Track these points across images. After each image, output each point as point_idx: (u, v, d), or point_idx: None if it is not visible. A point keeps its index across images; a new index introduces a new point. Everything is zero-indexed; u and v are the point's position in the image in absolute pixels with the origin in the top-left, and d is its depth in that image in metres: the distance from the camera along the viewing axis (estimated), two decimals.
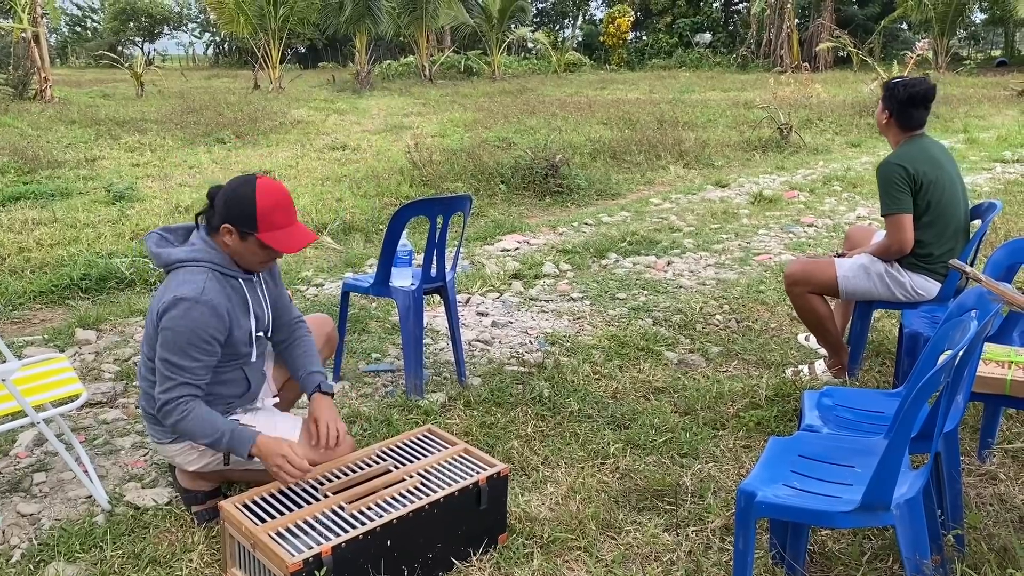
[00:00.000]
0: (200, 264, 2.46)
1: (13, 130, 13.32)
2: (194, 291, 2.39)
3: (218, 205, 2.49)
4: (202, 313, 2.39)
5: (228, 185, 2.50)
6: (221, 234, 2.48)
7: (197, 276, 2.43)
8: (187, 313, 2.37)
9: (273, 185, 2.50)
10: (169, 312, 2.38)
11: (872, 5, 39.06)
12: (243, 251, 2.49)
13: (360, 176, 9.22)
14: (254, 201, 2.43)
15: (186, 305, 2.37)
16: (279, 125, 14.68)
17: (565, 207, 8.27)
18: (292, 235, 2.50)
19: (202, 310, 2.39)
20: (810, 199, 8.20)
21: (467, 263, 5.93)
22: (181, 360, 2.39)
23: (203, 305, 2.39)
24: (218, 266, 2.49)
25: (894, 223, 3.52)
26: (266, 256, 2.53)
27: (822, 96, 17.95)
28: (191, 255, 2.48)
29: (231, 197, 2.46)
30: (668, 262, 5.90)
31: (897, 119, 3.63)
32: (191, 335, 2.38)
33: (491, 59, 32.87)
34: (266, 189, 2.46)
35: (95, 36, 57.85)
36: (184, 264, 2.47)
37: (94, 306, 5.11)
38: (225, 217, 2.46)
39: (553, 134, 12.09)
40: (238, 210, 2.44)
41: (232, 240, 2.48)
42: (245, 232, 2.45)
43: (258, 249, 2.48)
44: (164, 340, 2.40)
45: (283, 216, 2.48)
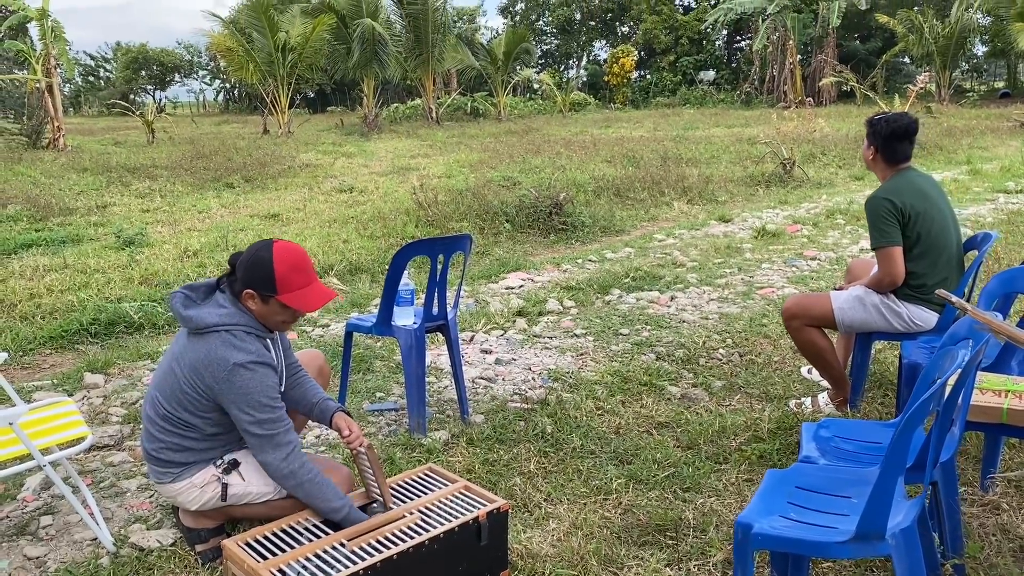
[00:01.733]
0: (239, 327, 2.54)
1: (26, 179, 13.55)
2: (251, 356, 2.50)
3: (239, 271, 2.58)
4: (266, 373, 2.52)
5: (248, 251, 2.59)
6: (244, 299, 2.57)
7: (248, 343, 2.53)
8: (254, 375, 2.48)
9: (290, 248, 2.59)
10: (233, 379, 2.46)
11: (874, 40, 39.49)
12: (266, 313, 2.58)
13: (367, 217, 9.32)
14: (272, 265, 2.52)
15: (250, 368, 2.48)
16: (288, 169, 14.87)
17: (569, 244, 8.34)
18: (310, 294, 2.59)
19: (265, 370, 2.52)
20: (813, 233, 8.24)
21: (471, 301, 5.98)
22: (271, 414, 2.51)
23: (265, 365, 2.52)
24: (252, 328, 2.58)
25: (884, 256, 3.56)
26: (288, 316, 2.62)
27: (825, 130, 18.11)
28: (228, 320, 2.55)
29: (251, 263, 2.55)
30: (671, 297, 5.94)
31: (882, 154, 3.70)
32: (266, 389, 2.50)
33: (497, 100, 33.30)
34: (283, 253, 2.55)
35: (108, 85, 58.89)
36: (225, 328, 2.53)
37: (103, 350, 5.17)
38: (246, 282, 2.55)
39: (557, 173, 12.22)
40: (258, 275, 2.53)
41: (255, 304, 2.57)
42: (266, 295, 2.54)
43: (280, 310, 2.57)
44: (237, 402, 2.48)
45: (301, 277, 2.57)
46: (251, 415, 2.48)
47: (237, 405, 2.48)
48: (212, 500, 2.65)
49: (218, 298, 2.62)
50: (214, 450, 2.65)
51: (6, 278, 6.78)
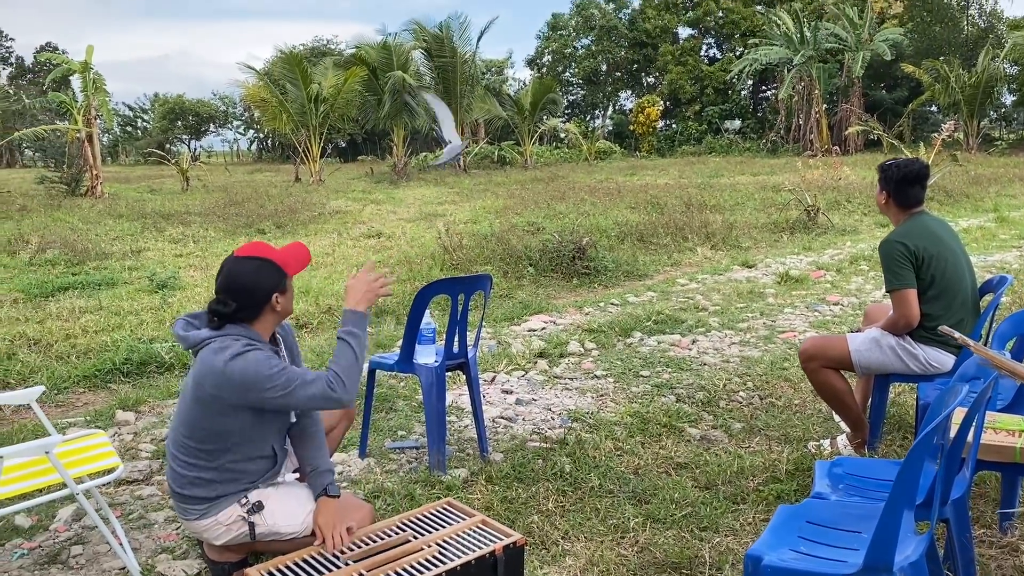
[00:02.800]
0: (229, 336, 2.59)
1: (65, 224, 13.95)
2: (236, 348, 2.52)
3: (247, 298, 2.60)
4: (255, 353, 2.51)
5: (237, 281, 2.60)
6: (270, 309, 2.63)
7: (234, 341, 2.56)
8: (245, 360, 2.48)
9: (254, 245, 2.70)
10: (231, 373, 2.48)
11: (900, 89, 39.57)
12: (288, 300, 2.68)
13: (393, 261, 9.48)
14: (269, 261, 2.62)
15: (240, 358, 2.49)
16: (318, 216, 15.18)
17: (592, 288, 8.41)
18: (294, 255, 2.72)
19: (253, 352, 2.52)
20: (836, 278, 8.25)
21: (493, 343, 6.05)
22: (284, 375, 2.50)
23: (250, 350, 2.53)
24: (249, 339, 2.61)
25: (898, 298, 3.60)
26: (291, 284, 2.71)
27: (851, 178, 18.15)
28: (220, 332, 2.61)
29: (254, 280, 2.60)
30: (693, 340, 5.97)
31: (895, 198, 3.76)
32: (264, 363, 2.49)
33: (523, 149, 33.77)
34: (257, 249, 2.67)
35: (145, 135, 60.49)
36: (214, 337, 2.59)
37: (134, 389, 5.30)
38: (265, 295, 2.61)
39: (581, 218, 12.35)
40: (272, 279, 2.61)
41: (281, 301, 2.64)
42: (284, 285, 2.64)
43: (290, 283, 2.69)
44: (251, 388, 2.49)
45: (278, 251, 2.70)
46: (270, 388, 2.48)
47: (253, 390, 2.49)
48: (239, 537, 2.70)
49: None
50: (238, 483, 2.69)
51: (44, 319, 6.98)
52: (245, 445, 2.64)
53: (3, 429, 4.54)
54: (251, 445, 2.64)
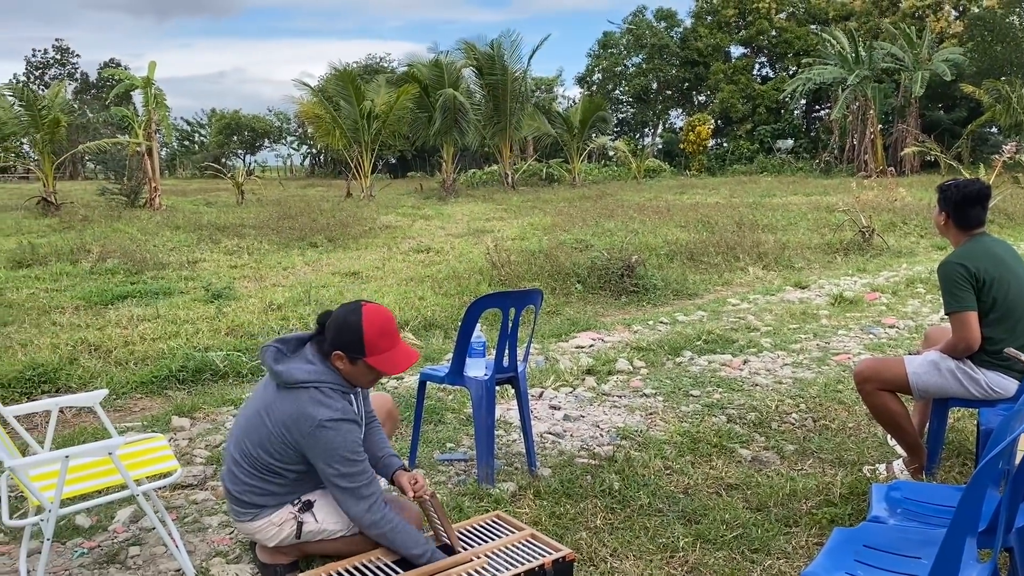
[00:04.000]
0: (325, 384, 2.68)
1: (124, 235, 14.36)
2: (338, 413, 2.63)
3: (329, 333, 2.72)
4: (350, 429, 2.65)
5: (337, 313, 2.74)
6: (333, 359, 2.71)
7: (334, 401, 2.66)
8: (338, 431, 2.61)
9: (378, 312, 2.72)
10: (319, 434, 2.60)
11: (959, 109, 38.75)
12: (354, 373, 2.72)
13: (442, 276, 9.55)
14: (361, 329, 2.66)
15: (335, 425, 2.61)
16: (368, 230, 15.38)
17: (640, 307, 8.37)
18: (396, 356, 2.73)
19: (350, 427, 2.65)
20: (892, 301, 8.08)
21: (541, 359, 6.05)
22: (354, 467, 2.63)
23: (350, 422, 2.65)
24: (338, 385, 2.72)
25: (958, 321, 3.51)
26: (374, 376, 2.75)
27: (907, 199, 17.78)
28: (315, 377, 2.68)
29: (341, 325, 2.69)
30: (744, 361, 5.90)
31: (954, 220, 3.68)
32: (350, 445, 2.63)
33: (572, 166, 33.80)
34: (372, 317, 2.69)
35: (202, 149, 62.03)
36: (314, 385, 2.67)
37: (189, 396, 5.42)
38: (335, 344, 2.69)
39: (630, 236, 12.31)
40: (347, 338, 2.67)
41: (343, 364, 2.70)
42: (354, 357, 2.68)
43: (367, 371, 2.71)
44: (323, 456, 2.62)
45: (387, 341, 2.70)
46: (336, 469, 2.61)
47: (323, 459, 2.61)
48: (288, 537, 2.76)
49: (307, 353, 2.74)
50: (293, 494, 2.77)
51: (103, 326, 7.18)
52: (308, 465, 2.72)
53: (65, 431, 4.68)
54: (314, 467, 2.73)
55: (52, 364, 5.69)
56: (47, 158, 21.89)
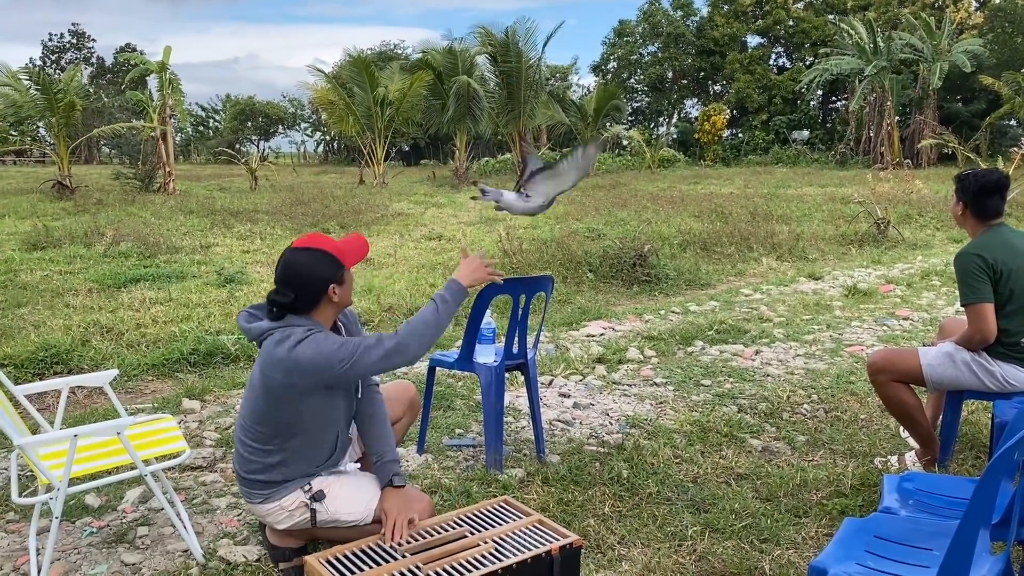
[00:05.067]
0: (292, 327, 2.63)
1: (138, 219, 14.42)
2: (299, 334, 2.55)
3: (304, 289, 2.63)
4: (316, 336, 2.55)
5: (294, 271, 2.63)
6: (328, 300, 2.66)
7: (297, 328, 2.59)
8: (309, 344, 2.52)
9: (312, 237, 2.74)
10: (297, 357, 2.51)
11: (977, 102, 38.34)
12: (346, 291, 2.71)
13: (453, 264, 9.54)
14: (326, 252, 2.65)
15: (303, 342, 2.52)
16: (381, 217, 15.39)
17: (652, 296, 8.33)
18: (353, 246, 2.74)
19: (315, 335, 2.55)
20: (907, 293, 8.01)
21: (551, 346, 6.04)
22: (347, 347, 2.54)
23: (312, 334, 2.56)
24: (311, 326, 2.65)
25: (974, 312, 3.47)
26: (350, 276, 2.75)
27: (923, 192, 17.61)
28: (281, 324, 2.65)
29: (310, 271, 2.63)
30: (756, 351, 5.86)
31: (972, 210, 3.63)
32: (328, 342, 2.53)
33: None
34: (316, 241, 2.70)
35: (216, 135, 62.19)
36: (275, 328, 2.63)
37: (200, 379, 5.43)
38: (322, 285, 2.64)
39: (643, 225, 12.26)
40: (328, 270, 2.64)
41: (339, 292, 2.67)
42: (340, 276, 2.66)
43: (349, 274, 2.72)
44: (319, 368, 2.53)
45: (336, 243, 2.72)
46: (337, 364, 2.52)
47: (323, 370, 2.53)
48: (301, 523, 2.75)
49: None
50: (302, 469, 2.74)
51: (116, 308, 7.21)
52: (313, 431, 2.68)
53: (76, 412, 4.70)
54: (318, 431, 2.69)
55: (65, 345, 5.72)
56: (62, 142, 21.98)
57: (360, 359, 2.55)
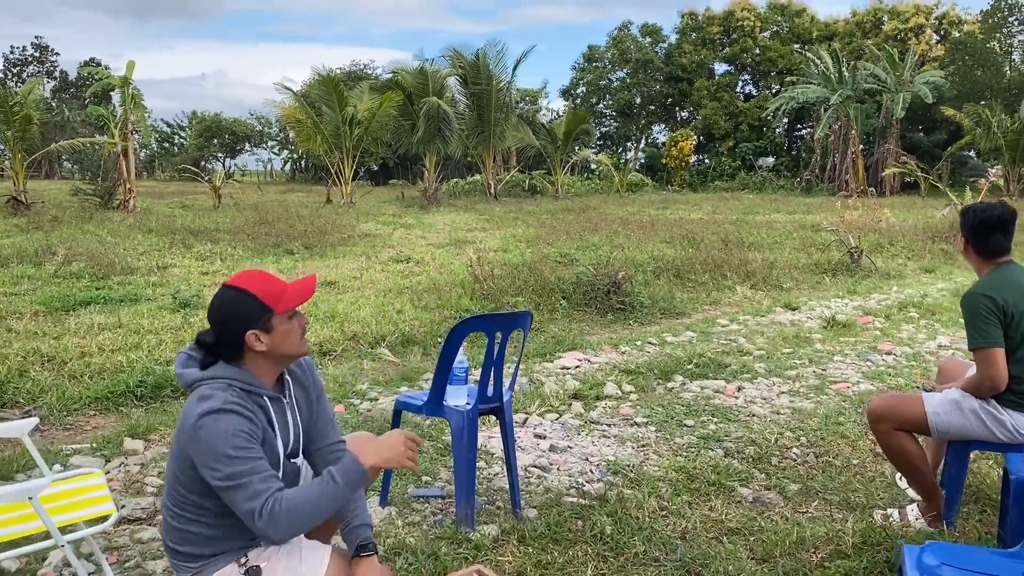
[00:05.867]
0: (219, 380, 2.31)
1: (94, 237, 13.88)
2: (219, 402, 2.21)
3: (221, 333, 2.34)
4: (229, 420, 2.20)
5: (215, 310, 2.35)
6: (250, 346, 2.33)
7: (216, 391, 2.27)
8: (215, 424, 2.18)
9: (248, 273, 2.40)
10: (197, 433, 2.19)
11: (939, 132, 39.02)
12: (278, 341, 2.33)
13: (421, 288, 9.21)
14: (248, 293, 2.32)
15: (212, 417, 2.19)
16: (347, 238, 15.01)
17: (627, 325, 8.07)
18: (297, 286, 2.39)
19: (229, 417, 2.20)
20: (886, 325, 7.83)
21: (524, 380, 5.72)
22: (236, 465, 2.17)
23: (227, 412, 2.20)
24: (239, 382, 2.33)
25: (983, 358, 3.23)
26: (296, 324, 2.37)
27: (891, 220, 17.67)
28: (209, 373, 2.33)
29: (227, 312, 2.32)
30: (738, 387, 5.60)
31: (974, 246, 3.42)
32: (229, 439, 2.17)
33: (555, 178, 33.62)
34: (245, 279, 2.36)
35: (181, 151, 61.27)
36: (205, 380, 2.31)
37: (147, 414, 5.04)
38: (239, 329, 2.32)
39: (615, 251, 12.04)
40: (244, 312, 2.31)
41: (265, 340, 2.32)
42: (266, 320, 2.31)
43: (286, 323, 2.34)
44: (205, 459, 2.20)
45: (277, 284, 2.36)
46: (217, 470, 2.16)
47: (205, 463, 2.18)
48: None
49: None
50: (234, 540, 2.38)
51: (61, 335, 6.76)
52: None
53: (4, 453, 4.28)
54: None
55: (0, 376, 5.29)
56: (18, 156, 21.31)
57: (233, 492, 2.18)
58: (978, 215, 3.43)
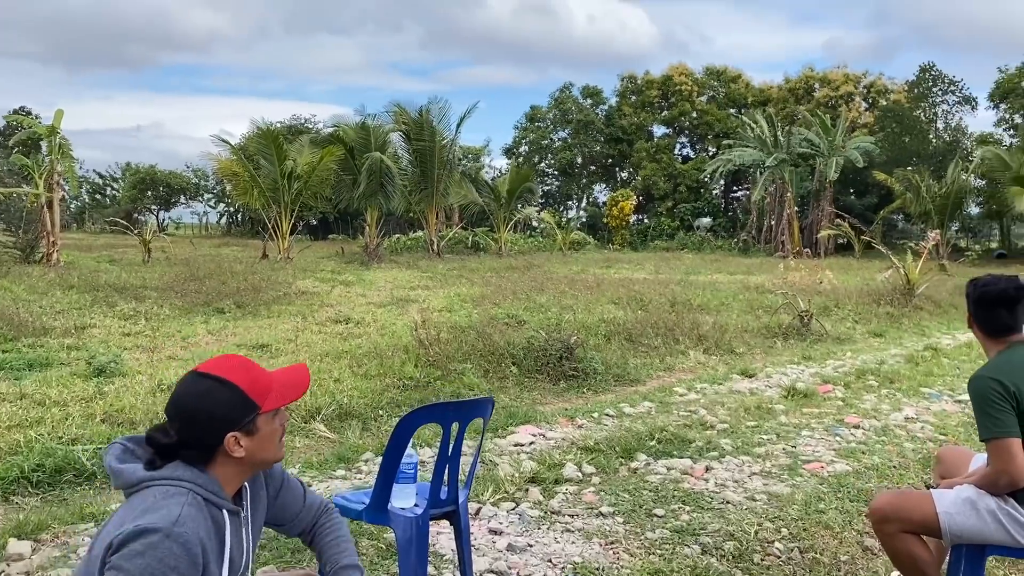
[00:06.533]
0: (181, 484, 1.84)
1: (8, 294, 12.94)
2: (166, 520, 1.74)
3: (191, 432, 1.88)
4: (171, 551, 1.72)
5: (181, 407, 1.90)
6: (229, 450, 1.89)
7: (173, 499, 1.79)
8: (152, 550, 1.70)
9: (224, 359, 1.97)
10: (128, 545, 1.70)
11: (870, 195, 40.25)
12: (259, 445, 1.92)
13: (362, 353, 8.65)
14: (232, 384, 1.89)
15: (154, 538, 1.71)
16: (283, 296, 14.34)
17: (582, 393, 7.65)
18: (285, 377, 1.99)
19: (171, 547, 1.72)
20: (847, 395, 7.57)
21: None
22: None
23: (174, 541, 1.73)
24: (203, 490, 1.86)
25: (998, 449, 2.89)
26: (278, 424, 1.98)
27: (833, 282, 17.78)
28: (167, 473, 1.86)
29: (202, 409, 1.87)
30: (706, 467, 5.18)
31: (978, 323, 3.13)
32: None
33: (498, 236, 33.42)
34: (224, 366, 1.92)
35: (113, 203, 59.58)
36: (157, 482, 1.83)
37: (42, 505, 4.39)
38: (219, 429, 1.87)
39: (565, 313, 11.68)
40: (226, 410, 1.87)
41: (246, 444, 1.89)
42: (250, 420, 1.89)
43: (270, 423, 1.93)
44: None
45: (261, 373, 1.95)
46: None
47: None
48: None
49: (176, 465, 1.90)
50: None
51: None
52: None
53: None
54: None
55: None
56: None
57: None
58: (978, 289, 3.14)
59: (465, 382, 7.35)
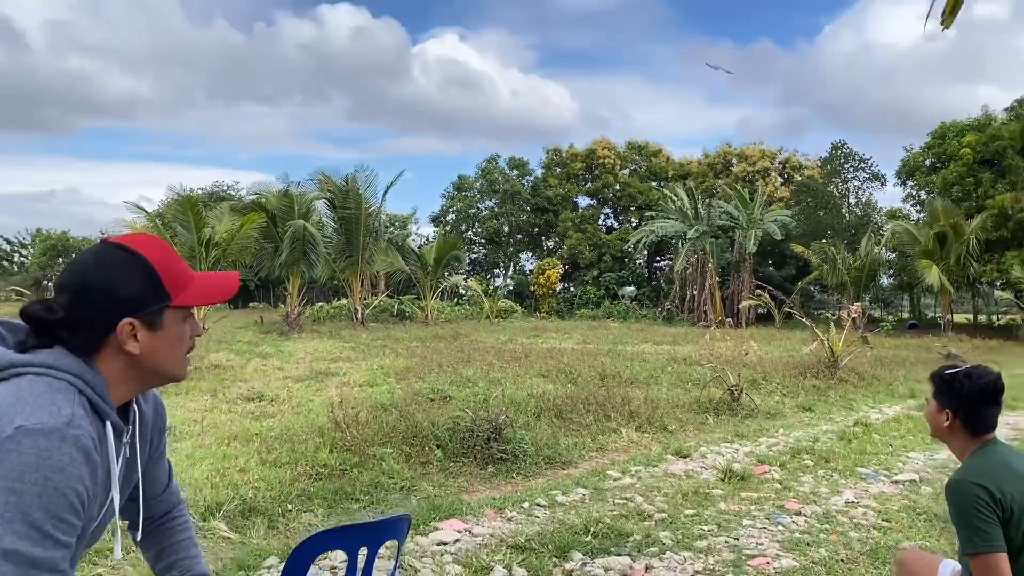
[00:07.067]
0: (66, 376, 1.42)
1: None
2: (57, 419, 1.34)
3: (82, 307, 1.47)
4: (70, 457, 1.34)
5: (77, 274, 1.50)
6: (116, 344, 1.49)
7: (60, 395, 1.39)
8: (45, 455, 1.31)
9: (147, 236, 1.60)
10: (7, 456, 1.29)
11: (788, 267, 41.35)
12: (161, 346, 1.55)
13: (272, 435, 8.03)
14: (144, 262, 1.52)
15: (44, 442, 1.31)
16: (194, 370, 13.47)
17: (511, 478, 7.19)
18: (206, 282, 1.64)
19: (70, 452, 1.34)
20: (784, 476, 7.31)
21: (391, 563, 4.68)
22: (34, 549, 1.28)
23: (70, 444, 1.34)
24: (91, 390, 1.44)
25: (985, 565, 2.57)
26: (188, 330, 1.64)
27: (758, 353, 17.88)
28: (45, 359, 1.43)
29: (102, 281, 1.48)
30: (646, 567, 4.77)
31: (964, 422, 2.82)
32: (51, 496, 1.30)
33: (424, 304, 32.96)
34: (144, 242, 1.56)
35: (21, 270, 57.39)
36: (33, 369, 1.41)
37: None
38: (108, 311, 1.48)
39: (492, 387, 11.25)
40: (130, 289, 1.49)
41: (143, 338, 1.50)
42: (156, 312, 1.53)
43: (178, 325, 1.59)
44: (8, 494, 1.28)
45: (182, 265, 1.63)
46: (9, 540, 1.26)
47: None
48: None
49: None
50: None
51: None
52: None
53: None
54: None
55: None
56: None
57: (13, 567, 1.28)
58: (975, 382, 2.80)
59: (384, 469, 6.82)
